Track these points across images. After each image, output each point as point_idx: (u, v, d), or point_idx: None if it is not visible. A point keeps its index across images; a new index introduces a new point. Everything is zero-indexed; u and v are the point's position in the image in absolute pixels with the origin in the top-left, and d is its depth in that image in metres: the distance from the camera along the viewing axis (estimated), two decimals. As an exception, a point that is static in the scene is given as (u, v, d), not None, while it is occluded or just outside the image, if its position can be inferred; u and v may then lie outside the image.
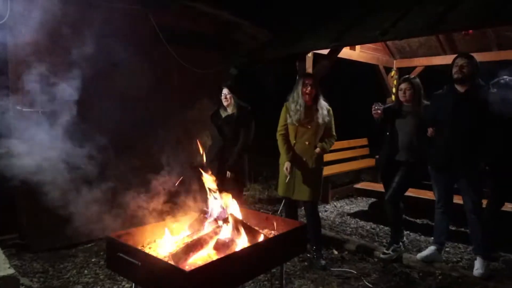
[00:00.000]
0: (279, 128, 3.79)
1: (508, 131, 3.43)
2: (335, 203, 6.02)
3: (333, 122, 3.81)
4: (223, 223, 2.15)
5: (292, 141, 3.74)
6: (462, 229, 4.56)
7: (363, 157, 6.95)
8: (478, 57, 5.90)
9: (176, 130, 4.88)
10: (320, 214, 5.36)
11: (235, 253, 1.94)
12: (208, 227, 2.20)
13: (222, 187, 3.99)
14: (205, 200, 2.44)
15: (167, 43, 4.96)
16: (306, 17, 5.80)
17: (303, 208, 4.11)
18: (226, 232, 2.11)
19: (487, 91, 3.37)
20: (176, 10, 5.06)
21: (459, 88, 3.43)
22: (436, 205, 3.72)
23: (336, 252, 4.15)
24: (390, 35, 3.94)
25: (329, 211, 5.61)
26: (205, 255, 2.02)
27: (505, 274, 3.54)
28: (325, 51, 5.07)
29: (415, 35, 3.90)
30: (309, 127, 3.67)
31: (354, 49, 6.11)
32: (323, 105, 3.71)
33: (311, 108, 3.68)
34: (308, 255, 3.91)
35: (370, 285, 3.43)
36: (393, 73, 6.89)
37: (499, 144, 3.37)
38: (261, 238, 2.12)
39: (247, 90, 6.12)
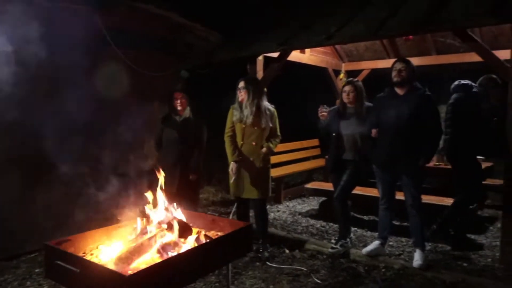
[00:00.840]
0: (226, 130, 3.89)
1: (467, 127, 3.93)
2: (287, 203, 6.14)
3: (277, 123, 3.95)
4: (166, 227, 2.15)
5: (240, 142, 3.84)
6: (405, 223, 4.81)
7: (315, 157, 7.15)
8: (419, 61, 6.33)
9: (126, 134, 4.78)
10: (273, 214, 5.51)
11: (177, 255, 1.95)
12: (152, 231, 2.19)
13: (184, 191, 4.05)
14: (149, 203, 2.42)
15: (116, 45, 4.84)
16: (257, 21, 5.88)
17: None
18: (169, 235, 2.11)
19: (424, 93, 3.59)
20: (125, 11, 4.96)
21: (399, 91, 3.63)
22: (380, 202, 3.91)
23: (287, 251, 4.24)
24: (335, 40, 4.10)
25: (282, 211, 5.71)
26: (148, 259, 2.01)
27: (442, 264, 3.78)
28: (275, 54, 5.16)
29: (358, 39, 4.09)
30: (255, 128, 3.78)
31: (304, 53, 6.27)
32: (267, 107, 3.84)
33: (250, 109, 3.77)
34: (259, 255, 4.00)
35: (319, 281, 3.53)
36: (341, 75, 7.14)
37: (436, 142, 3.61)
38: (204, 240, 2.15)
39: (202, 91, 6.11)
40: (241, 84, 3.87)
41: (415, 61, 6.35)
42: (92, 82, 4.26)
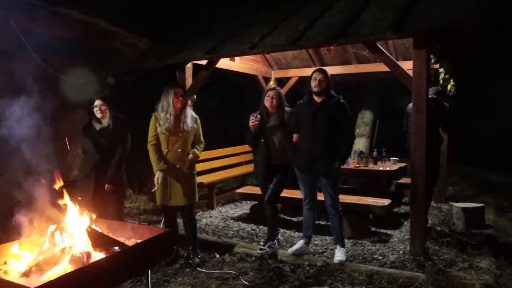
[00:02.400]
0: (149, 138, 3.87)
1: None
2: (220, 209, 6.22)
3: (200, 129, 4.04)
4: (80, 237, 2.13)
5: (165, 150, 3.86)
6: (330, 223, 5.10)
7: (247, 162, 7.30)
8: (341, 69, 6.75)
9: (47, 143, 4.57)
10: (205, 220, 5.56)
11: (89, 265, 1.94)
12: (64, 242, 2.16)
13: (106, 200, 3.95)
14: (61, 215, 2.37)
15: (35, 50, 4.64)
16: (185, 28, 5.93)
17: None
18: (82, 245, 2.09)
19: (338, 101, 3.87)
20: (44, 16, 4.76)
21: (317, 99, 3.88)
22: (303, 203, 4.13)
23: (218, 256, 4.31)
24: (257, 49, 4.27)
25: (214, 216, 5.78)
26: (60, 271, 1.98)
27: (360, 258, 4.07)
28: (204, 62, 5.25)
29: (278, 49, 4.30)
30: (180, 135, 3.83)
31: (234, 60, 6.43)
32: (191, 114, 3.91)
33: (179, 117, 3.83)
34: (189, 261, 4.04)
35: (247, 283, 3.65)
36: (271, 82, 7.38)
37: (349, 146, 3.90)
38: (120, 248, 2.15)
39: (130, 99, 6.01)
40: (181, 91, 3.86)
41: (338, 69, 6.86)
42: (5, 89, 4.03)
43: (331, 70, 6.79)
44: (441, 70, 5.28)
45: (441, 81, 5.44)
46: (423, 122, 3.87)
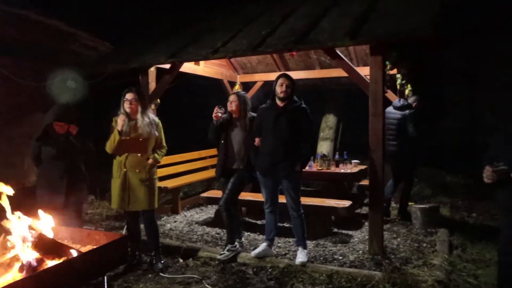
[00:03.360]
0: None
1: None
2: (185, 213, 6.18)
3: (163, 134, 4.02)
4: (31, 244, 2.08)
5: (124, 155, 3.81)
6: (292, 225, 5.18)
7: (213, 166, 7.29)
8: (305, 74, 6.89)
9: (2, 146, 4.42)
10: (169, 225, 5.50)
11: (39, 272, 1.90)
12: (15, 250, 2.10)
13: (68, 206, 3.85)
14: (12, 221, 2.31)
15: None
16: (148, 32, 5.89)
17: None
18: (32, 253, 2.04)
19: (300, 105, 3.95)
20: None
21: (279, 103, 3.95)
22: (265, 206, 4.18)
23: (181, 260, 4.29)
24: (220, 54, 4.31)
25: (179, 221, 5.74)
26: (9, 279, 1.93)
27: (321, 260, 4.16)
28: (167, 66, 5.23)
29: (240, 54, 4.36)
30: (140, 139, 3.79)
31: (199, 64, 6.43)
32: (151, 118, 3.88)
33: (137, 122, 3.80)
34: (152, 267, 4.00)
35: (209, 287, 3.65)
36: (237, 87, 7.44)
37: (310, 149, 3.98)
38: (73, 254, 2.12)
39: (96, 102, 5.88)
40: (131, 95, 3.85)
41: (301, 74, 6.99)
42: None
43: (295, 74, 6.87)
44: (398, 75, 5.50)
45: (398, 86, 5.67)
46: (380, 125, 4.03)
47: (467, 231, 5.16)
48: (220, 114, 4.10)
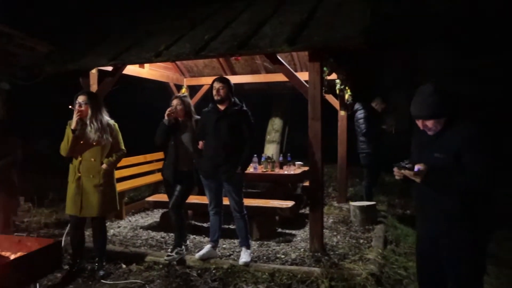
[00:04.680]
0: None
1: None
2: (130, 218, 6.07)
3: (120, 137, 3.94)
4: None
5: (78, 158, 3.73)
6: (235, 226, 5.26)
7: (159, 170, 7.20)
8: (251, 78, 7.01)
9: None
10: (112, 230, 5.38)
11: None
12: None
13: None
14: None
15: None
16: (89, 33, 5.74)
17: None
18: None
19: (241, 108, 4.05)
20: None
21: (220, 106, 4.03)
22: (209, 208, 4.24)
23: (124, 266, 4.22)
24: (162, 57, 4.32)
25: (123, 226, 5.62)
26: None
27: (264, 259, 4.28)
28: (110, 68, 5.12)
29: (183, 58, 4.38)
30: (94, 144, 3.71)
31: (144, 67, 6.35)
32: (105, 122, 3.80)
33: (89, 125, 3.72)
34: (93, 274, 3.92)
35: (153, 291, 3.64)
36: (183, 90, 7.41)
37: (251, 152, 4.08)
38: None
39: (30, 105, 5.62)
40: (83, 98, 3.74)
41: (248, 78, 7.12)
42: None
43: (241, 79, 7.09)
44: (337, 81, 5.79)
45: (337, 91, 5.97)
46: (319, 128, 4.22)
47: (401, 227, 5.52)
48: (173, 114, 4.10)
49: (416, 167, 2.19)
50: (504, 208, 5.92)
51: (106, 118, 3.88)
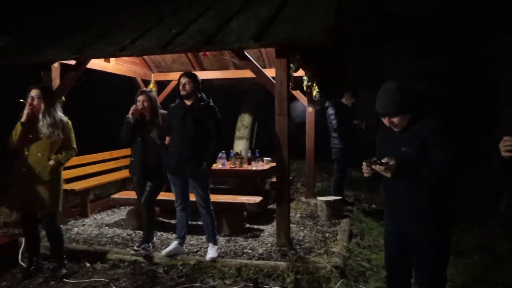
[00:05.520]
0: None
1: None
2: (95, 216, 5.93)
3: (72, 135, 3.83)
4: None
5: (25, 153, 3.62)
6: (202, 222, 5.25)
7: (126, 167, 7.07)
8: (220, 74, 6.98)
9: None
10: (76, 229, 5.25)
11: None
12: None
13: None
14: None
15: None
16: (51, 25, 5.55)
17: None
18: None
19: (208, 104, 4.03)
20: None
21: (187, 102, 4.00)
22: (175, 204, 4.21)
23: (88, 265, 4.14)
24: (127, 52, 4.23)
25: (88, 224, 5.49)
26: None
27: (231, 255, 4.29)
28: (73, 62, 4.97)
29: (148, 53, 4.33)
30: (44, 138, 3.60)
31: (109, 61, 6.20)
32: (58, 118, 3.70)
33: (40, 120, 3.61)
34: (55, 273, 3.82)
35: (118, 289, 3.59)
36: (151, 85, 7.30)
37: (217, 148, 4.07)
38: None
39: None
40: (36, 92, 3.63)
41: (216, 74, 7.09)
42: None
43: (209, 74, 7.05)
44: (305, 77, 5.86)
45: (305, 88, 6.04)
46: (285, 124, 4.26)
47: (366, 221, 5.67)
48: (137, 111, 4.04)
49: (384, 161, 2.25)
50: (461, 200, 6.21)
51: (60, 114, 3.78)
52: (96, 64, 5.66)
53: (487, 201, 5.06)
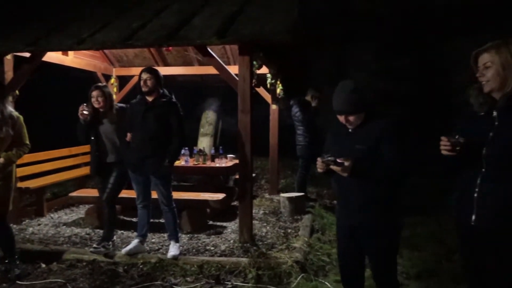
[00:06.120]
0: None
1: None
2: (52, 215, 5.72)
3: (24, 131, 3.68)
4: None
5: None
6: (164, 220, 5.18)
7: (86, 164, 6.86)
8: (184, 70, 6.91)
9: None
10: (31, 229, 5.04)
11: None
12: None
13: None
14: None
15: None
16: (3, 16, 5.29)
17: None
18: None
19: (170, 100, 3.98)
20: None
21: (148, 98, 3.93)
22: (137, 201, 4.14)
23: (43, 265, 3.99)
24: (85, 45, 4.11)
25: (44, 224, 5.29)
26: None
27: (194, 252, 4.27)
28: (27, 54, 4.76)
29: (108, 46, 4.22)
30: None
31: (67, 55, 5.97)
32: (8, 113, 3.54)
33: None
34: (8, 275, 3.67)
35: (75, 289, 3.49)
36: (113, 80, 7.12)
37: (179, 145, 4.03)
38: None
39: None
40: None
41: (180, 70, 7.00)
42: None
43: (173, 70, 6.96)
44: (268, 75, 5.91)
45: (268, 85, 6.09)
46: (248, 121, 4.28)
47: (327, 216, 5.79)
48: (86, 113, 3.93)
49: (340, 160, 2.31)
50: (416, 196, 6.48)
51: (10, 109, 3.62)
52: (53, 57, 5.44)
53: (440, 196, 5.31)
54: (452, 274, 3.64)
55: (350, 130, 2.49)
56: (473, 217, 2.03)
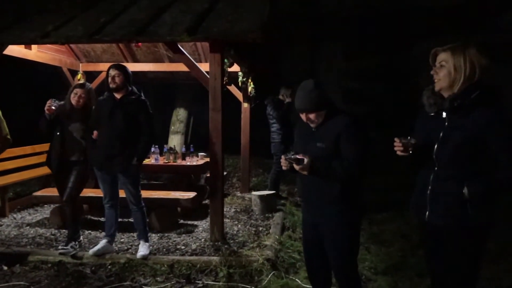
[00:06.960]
0: None
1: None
2: (15, 215, 5.50)
3: (4, 125, 3.55)
4: None
5: None
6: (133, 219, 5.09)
7: (51, 162, 6.63)
8: (154, 67, 6.79)
9: None
10: (-8, 230, 4.83)
11: None
12: None
13: None
14: None
15: None
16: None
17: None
18: None
19: (139, 98, 3.90)
20: None
21: (116, 95, 3.83)
22: (104, 201, 4.04)
23: (5, 268, 3.83)
24: (50, 39, 3.96)
25: (6, 224, 5.08)
26: None
27: (164, 251, 4.22)
28: (-13, 48, 4.54)
29: (74, 41, 4.10)
30: None
31: (31, 49, 5.73)
32: None
33: None
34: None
35: (39, 292, 3.37)
36: (79, 76, 6.89)
37: (148, 143, 3.96)
38: None
39: None
40: None
41: (150, 67, 6.88)
42: None
43: (143, 67, 6.83)
44: (240, 73, 5.90)
45: (240, 83, 6.08)
46: (219, 119, 4.26)
47: (298, 214, 5.85)
48: (54, 108, 3.80)
49: (300, 157, 2.34)
50: (384, 193, 6.65)
51: None
52: (15, 51, 5.21)
53: (406, 193, 5.48)
54: (417, 268, 3.76)
55: (313, 129, 2.52)
56: (427, 214, 2.15)
